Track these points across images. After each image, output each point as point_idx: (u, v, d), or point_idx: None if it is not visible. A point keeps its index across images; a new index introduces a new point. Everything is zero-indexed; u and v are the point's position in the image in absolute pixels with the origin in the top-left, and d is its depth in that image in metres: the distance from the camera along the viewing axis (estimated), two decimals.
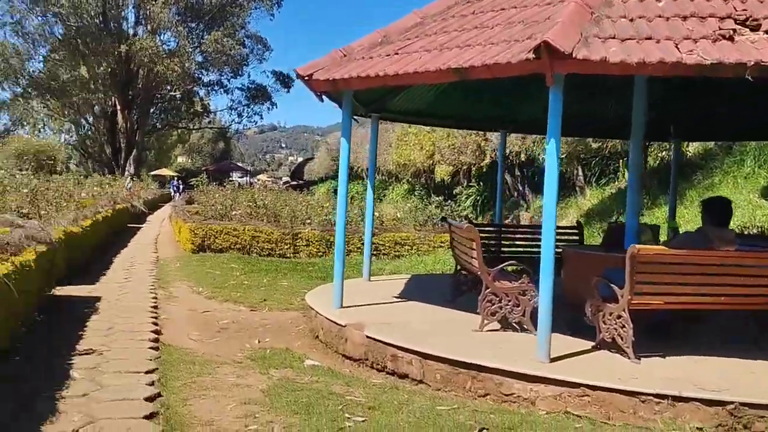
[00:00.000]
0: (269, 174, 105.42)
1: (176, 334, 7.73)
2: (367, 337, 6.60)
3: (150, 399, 4.96)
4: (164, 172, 64.41)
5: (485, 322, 6.84)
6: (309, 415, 4.79)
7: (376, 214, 15.02)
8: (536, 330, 5.94)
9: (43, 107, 49.20)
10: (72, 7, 41.91)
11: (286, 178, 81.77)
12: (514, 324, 6.82)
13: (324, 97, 8.06)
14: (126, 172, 46.38)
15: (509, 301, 6.79)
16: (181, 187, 47.29)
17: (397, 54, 6.90)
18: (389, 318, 7.29)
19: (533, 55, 5.28)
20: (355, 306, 7.81)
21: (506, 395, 5.55)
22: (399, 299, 8.67)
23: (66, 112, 49.31)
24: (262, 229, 15.85)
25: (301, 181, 63.24)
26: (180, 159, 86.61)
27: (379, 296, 8.65)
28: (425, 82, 7.34)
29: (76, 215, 12.53)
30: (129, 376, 5.56)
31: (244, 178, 71.95)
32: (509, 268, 7.62)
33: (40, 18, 45.68)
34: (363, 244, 13.18)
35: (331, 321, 7.26)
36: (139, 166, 51.61)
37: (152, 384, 5.37)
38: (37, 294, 7.38)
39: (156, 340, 7.01)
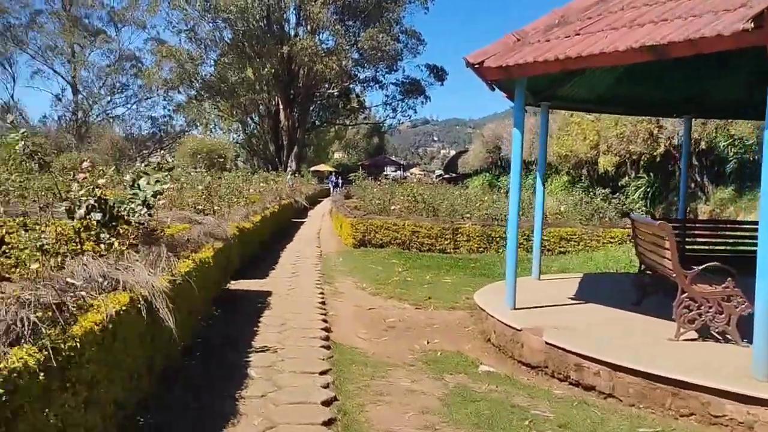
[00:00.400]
0: (422, 168, 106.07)
1: (345, 331, 7.65)
2: (547, 343, 6.10)
3: (326, 403, 4.81)
4: (322, 167, 66.74)
5: (681, 330, 6.10)
6: (493, 430, 4.41)
7: None
8: (743, 341, 5.16)
9: (214, 108, 52.51)
10: (239, 12, 44.33)
11: (439, 172, 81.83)
12: (716, 333, 6.03)
13: (494, 86, 7.62)
14: (288, 169, 48.39)
15: (710, 307, 6.01)
16: (339, 182, 48.68)
17: (578, 35, 6.31)
18: (568, 322, 6.73)
19: (752, 25, 4.53)
20: (528, 308, 7.33)
21: (715, 417, 4.86)
22: (575, 301, 8.05)
23: (234, 112, 52.30)
24: (422, 224, 15.66)
25: (454, 175, 63.00)
26: (337, 155, 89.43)
27: (551, 297, 8.10)
28: (612, 63, 6.66)
29: (246, 211, 12.97)
30: (304, 377, 5.47)
31: (398, 172, 72.89)
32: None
33: (210, 24, 48.84)
34: (527, 239, 12.64)
35: (505, 324, 6.82)
36: (299, 163, 53.76)
37: (327, 386, 5.23)
38: (215, 289, 7.57)
39: (326, 338, 6.94)
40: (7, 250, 8.90)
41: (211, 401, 4.79)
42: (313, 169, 61.83)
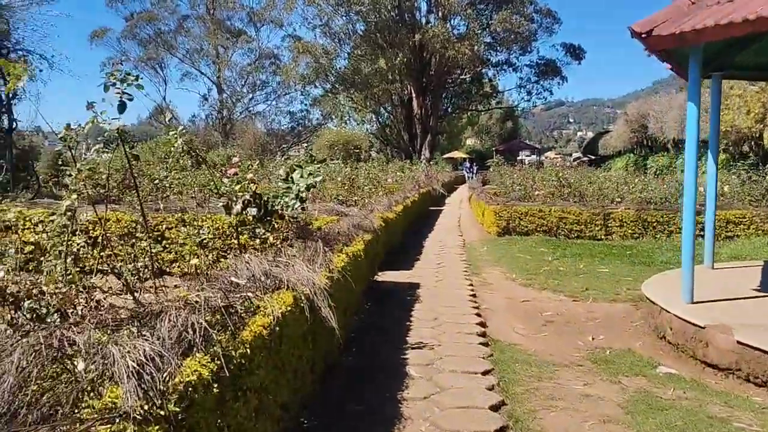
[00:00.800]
0: (557, 151, 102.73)
1: (500, 326, 7.24)
2: (739, 342, 5.38)
3: (494, 408, 4.45)
4: (456, 154, 66.14)
5: None
6: None
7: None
8: None
9: (348, 100, 53.39)
10: (371, 3, 44.63)
11: (576, 155, 78.76)
12: None
13: (662, 57, 6.89)
14: (422, 157, 48.33)
15: None
16: (474, 168, 47.98)
17: None
18: (759, 318, 5.94)
19: None
20: (707, 302, 6.57)
21: None
22: (761, 293, 7.16)
23: (367, 103, 52.88)
24: (570, 210, 14.85)
25: (593, 157, 60.19)
26: (469, 141, 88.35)
27: (731, 288, 7.26)
28: None
29: (389, 201, 12.84)
30: (466, 377, 5.14)
31: (533, 157, 70.93)
32: None
33: (343, 18, 49.56)
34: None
35: (684, 320, 6.13)
36: (432, 150, 53.53)
37: (492, 389, 4.87)
38: (365, 282, 7.43)
39: (483, 334, 6.57)
40: (167, 245, 9.32)
41: (373, 402, 4.57)
42: (446, 156, 61.41)
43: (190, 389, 2.19)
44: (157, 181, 7.61)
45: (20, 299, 3.83)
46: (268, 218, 5.76)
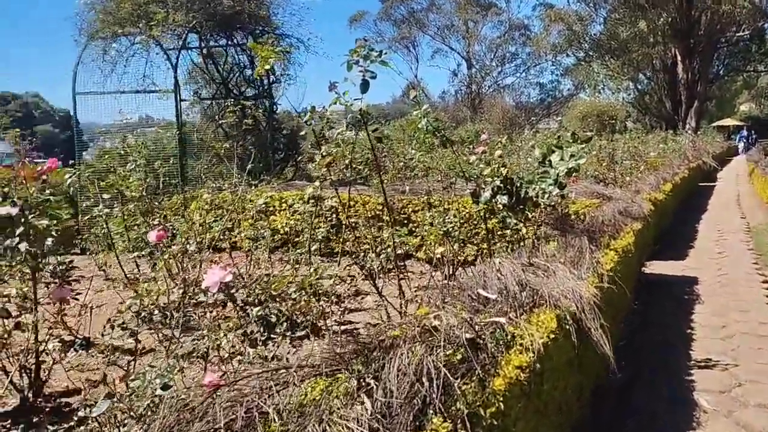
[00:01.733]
0: None
1: None
2: None
3: None
4: (727, 122, 59.05)
5: None
6: None
7: None
8: None
9: (603, 68, 50.04)
10: None
11: None
12: None
13: None
14: (687, 126, 43.67)
15: None
16: (752, 137, 42.22)
17: None
18: None
19: None
20: None
21: None
22: None
23: (625, 70, 49.06)
24: None
25: None
26: (743, 107, 78.36)
27: None
28: None
29: (655, 179, 11.28)
30: None
31: None
32: None
33: None
34: None
35: None
36: (699, 119, 48.14)
37: None
38: (633, 280, 6.34)
39: None
40: (413, 228, 9.00)
41: None
42: (715, 124, 54.99)
43: None
44: (402, 163, 7.27)
45: (250, 305, 3.65)
46: (521, 206, 5.01)
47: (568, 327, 2.95)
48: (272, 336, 3.66)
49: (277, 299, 3.86)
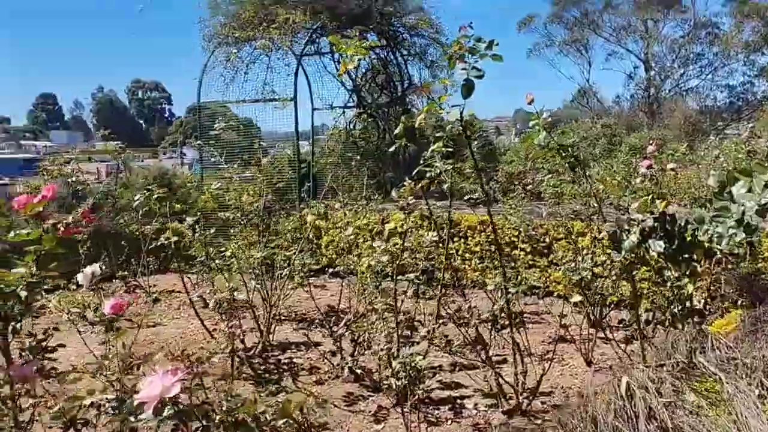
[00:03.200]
0: None
1: None
2: None
3: None
4: None
5: None
6: None
7: None
8: None
9: None
10: None
11: None
12: None
13: None
14: None
15: None
16: None
17: None
18: None
19: None
20: None
21: None
22: None
23: None
24: None
25: None
26: None
27: None
28: None
29: None
30: None
31: None
32: None
33: None
34: None
35: None
36: None
37: None
38: None
39: None
40: (554, 260, 7.49)
41: None
42: None
43: None
44: (530, 186, 5.88)
45: None
46: (685, 255, 3.50)
47: None
48: None
49: None
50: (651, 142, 8.34)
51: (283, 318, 6.84)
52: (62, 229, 6.24)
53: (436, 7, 10.92)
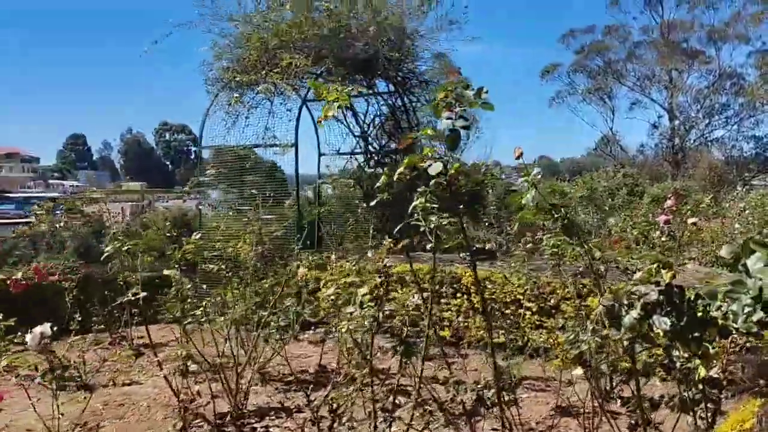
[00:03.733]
0: None
1: None
2: None
3: None
4: None
5: None
6: None
7: None
8: None
9: None
10: None
11: None
12: None
13: None
14: None
15: None
16: None
17: None
18: None
19: None
20: None
21: None
22: None
23: None
24: None
25: None
26: None
27: None
28: None
29: None
30: None
31: None
32: None
33: None
34: None
35: None
36: None
37: None
38: None
39: None
40: (553, 324, 6.94)
41: None
42: None
43: None
44: (529, 243, 5.48)
45: None
46: (696, 334, 3.04)
47: None
48: None
49: None
50: (670, 195, 7.87)
51: (272, 378, 6.44)
52: (11, 284, 5.81)
53: (451, 52, 10.67)
